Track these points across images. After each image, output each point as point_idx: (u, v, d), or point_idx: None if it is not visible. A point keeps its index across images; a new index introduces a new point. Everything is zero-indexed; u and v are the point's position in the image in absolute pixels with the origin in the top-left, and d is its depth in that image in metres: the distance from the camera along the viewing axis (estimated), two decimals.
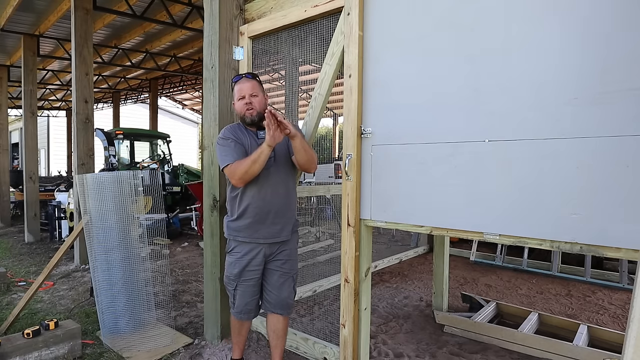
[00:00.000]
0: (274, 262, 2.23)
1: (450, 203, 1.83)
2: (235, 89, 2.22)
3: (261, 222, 2.16)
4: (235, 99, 2.22)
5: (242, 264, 2.19)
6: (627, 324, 1.16)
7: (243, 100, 2.17)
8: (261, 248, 2.19)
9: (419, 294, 3.82)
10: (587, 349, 2.51)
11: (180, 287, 4.19)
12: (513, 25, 1.64)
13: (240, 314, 2.27)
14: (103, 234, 2.89)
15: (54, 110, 18.12)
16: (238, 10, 2.81)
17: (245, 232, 2.18)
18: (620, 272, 4.00)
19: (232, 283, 2.24)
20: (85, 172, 4.85)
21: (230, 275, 2.23)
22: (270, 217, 2.16)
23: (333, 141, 16.01)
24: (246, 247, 2.19)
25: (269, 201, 2.15)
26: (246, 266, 2.19)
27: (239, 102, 2.19)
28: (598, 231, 1.46)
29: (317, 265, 4.57)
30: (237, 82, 2.22)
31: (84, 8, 5.01)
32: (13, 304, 3.65)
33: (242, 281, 2.21)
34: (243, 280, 2.21)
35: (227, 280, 2.28)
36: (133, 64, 9.35)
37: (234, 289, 2.25)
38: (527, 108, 1.61)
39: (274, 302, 2.26)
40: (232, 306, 2.31)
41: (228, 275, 2.25)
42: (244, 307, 2.26)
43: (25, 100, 7.14)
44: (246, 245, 2.19)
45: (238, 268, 2.19)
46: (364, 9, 2.13)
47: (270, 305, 2.27)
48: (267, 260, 2.22)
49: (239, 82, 2.21)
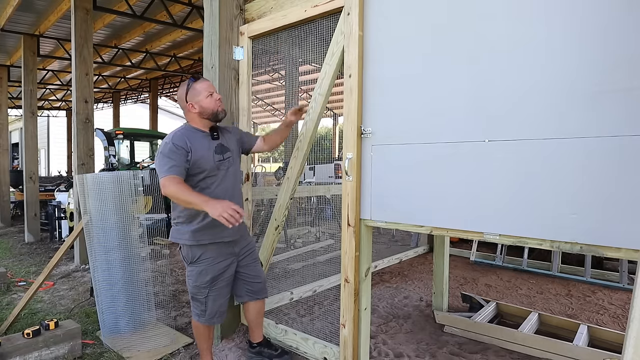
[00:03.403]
0: (246, 255, 2.33)
1: (450, 203, 1.83)
2: (198, 87, 2.14)
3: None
4: (202, 96, 2.12)
5: (215, 270, 2.16)
6: (627, 324, 1.17)
7: (213, 95, 2.16)
8: (227, 247, 2.21)
9: (419, 294, 3.82)
10: (587, 349, 2.51)
11: (180, 287, 4.19)
12: (513, 25, 1.64)
13: (212, 318, 2.25)
14: (103, 234, 2.89)
15: (54, 110, 18.12)
16: (238, 10, 2.81)
17: (210, 233, 2.13)
18: (620, 272, 3.99)
19: (204, 291, 2.19)
20: (85, 172, 4.85)
21: (201, 284, 2.17)
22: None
23: (333, 141, 16.02)
24: (214, 250, 2.16)
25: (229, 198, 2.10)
26: (221, 270, 2.19)
27: (208, 98, 2.13)
28: (598, 231, 1.46)
29: (317, 265, 4.57)
30: (198, 81, 2.17)
31: (84, 8, 5.01)
32: (13, 304, 3.65)
33: (214, 286, 2.19)
34: (216, 285, 2.20)
35: (195, 290, 2.20)
36: (133, 64, 9.35)
37: (205, 297, 2.20)
38: (527, 108, 1.61)
39: (258, 290, 2.39)
40: (200, 314, 2.23)
41: (197, 285, 2.18)
42: (217, 310, 2.24)
43: (25, 100, 7.15)
44: (213, 247, 2.15)
45: (211, 274, 2.16)
46: (364, 9, 2.13)
47: (255, 294, 2.38)
48: (239, 256, 2.30)
49: (199, 80, 2.17)
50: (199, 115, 2.16)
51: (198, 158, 2.08)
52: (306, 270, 4.36)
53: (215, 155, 2.15)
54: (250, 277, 2.35)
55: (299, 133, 2.62)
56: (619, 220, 1.41)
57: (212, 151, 2.14)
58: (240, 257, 2.30)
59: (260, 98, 15.31)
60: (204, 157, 2.11)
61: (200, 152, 2.10)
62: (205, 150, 2.12)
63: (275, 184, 6.36)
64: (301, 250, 5.33)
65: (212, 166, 2.13)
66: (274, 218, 2.80)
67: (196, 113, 2.15)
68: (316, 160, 6.90)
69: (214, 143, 2.18)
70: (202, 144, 2.13)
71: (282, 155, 6.11)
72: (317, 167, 8.42)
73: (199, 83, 2.16)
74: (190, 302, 2.29)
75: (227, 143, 2.25)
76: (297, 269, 4.44)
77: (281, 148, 7.22)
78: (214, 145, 2.17)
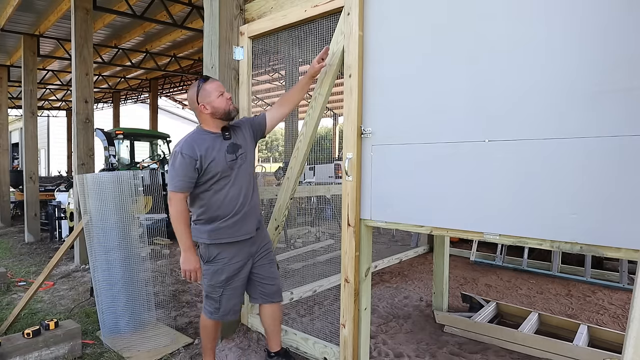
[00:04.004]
0: (262, 256, 2.30)
1: (450, 203, 1.83)
2: (209, 87, 2.13)
3: (242, 218, 2.17)
4: (213, 96, 2.12)
5: (230, 270, 2.17)
6: (627, 324, 1.17)
7: (224, 95, 2.15)
8: (244, 246, 2.20)
9: (419, 294, 3.82)
10: (587, 349, 2.51)
11: (180, 287, 4.19)
12: (513, 25, 1.64)
13: (226, 316, 2.26)
14: (103, 234, 2.89)
15: (54, 110, 18.13)
16: (238, 10, 2.81)
17: (227, 233, 2.15)
18: (620, 272, 3.99)
19: (218, 290, 2.20)
20: (85, 172, 4.85)
21: (216, 283, 2.18)
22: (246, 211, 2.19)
23: (333, 141, 16.03)
24: (231, 250, 2.17)
25: (243, 197, 2.17)
26: (236, 271, 2.19)
27: (219, 98, 2.12)
28: (598, 231, 1.46)
29: (317, 265, 4.57)
30: (207, 82, 2.16)
31: (84, 8, 5.01)
32: (13, 304, 3.65)
33: (229, 286, 2.20)
34: (230, 285, 2.20)
35: (210, 289, 2.21)
36: (133, 64, 9.35)
37: (219, 296, 2.20)
38: (527, 108, 1.61)
39: (271, 292, 2.32)
40: (213, 312, 2.24)
41: (212, 285, 2.19)
42: (231, 308, 2.25)
43: (25, 100, 7.15)
44: (230, 247, 2.16)
45: (226, 274, 2.17)
46: (364, 9, 2.13)
47: (268, 297, 2.32)
48: (254, 256, 2.27)
49: (208, 81, 2.17)
50: (211, 115, 2.15)
51: (209, 162, 2.08)
52: (306, 270, 4.36)
53: (227, 156, 2.14)
54: (264, 278, 2.31)
55: (299, 133, 2.62)
56: (619, 220, 1.41)
57: (223, 152, 2.13)
58: (256, 258, 2.28)
59: (260, 98, 15.29)
60: (215, 160, 2.10)
61: (211, 156, 2.09)
62: (216, 152, 2.11)
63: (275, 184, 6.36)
64: (301, 250, 5.33)
65: (225, 167, 2.12)
66: (274, 218, 2.80)
67: (208, 114, 2.14)
68: (316, 160, 6.91)
69: (226, 143, 2.16)
70: (213, 147, 2.12)
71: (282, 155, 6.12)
72: (317, 167, 8.43)
73: (209, 83, 2.15)
74: (204, 299, 2.29)
75: (238, 140, 2.22)
76: (297, 269, 4.44)
77: (281, 148, 7.22)
78: (226, 146, 2.15)
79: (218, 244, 2.15)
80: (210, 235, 2.14)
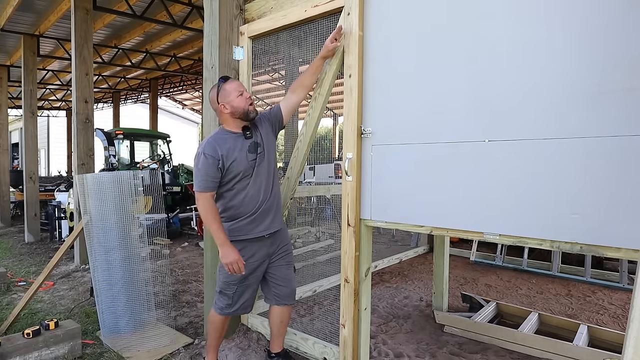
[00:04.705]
0: (279, 257, 2.30)
1: (450, 203, 1.83)
2: (228, 87, 2.14)
3: (260, 215, 2.18)
4: (233, 96, 2.13)
5: (247, 268, 2.16)
6: (627, 324, 1.17)
7: (243, 95, 2.15)
8: (263, 246, 2.21)
9: (419, 294, 3.82)
10: (587, 349, 2.51)
11: (180, 287, 4.19)
12: (513, 25, 1.64)
13: (238, 310, 2.29)
14: (103, 234, 2.89)
15: (54, 110, 18.12)
16: (238, 10, 2.81)
17: (245, 229, 2.17)
18: (620, 272, 3.99)
19: (233, 287, 2.22)
20: (85, 172, 4.85)
21: (231, 281, 2.20)
22: (265, 208, 2.20)
23: (333, 141, 16.04)
24: (250, 248, 2.18)
25: (263, 194, 2.19)
26: (252, 270, 2.20)
27: (239, 98, 2.13)
28: (598, 231, 1.46)
29: (317, 265, 4.57)
30: (227, 82, 2.18)
31: (84, 8, 5.01)
32: (13, 304, 3.65)
33: (243, 283, 2.22)
34: (245, 282, 2.22)
35: (225, 285, 2.23)
36: (133, 64, 9.35)
37: (233, 293, 2.23)
38: (527, 108, 1.61)
39: (284, 295, 2.33)
40: (225, 307, 2.26)
41: (227, 282, 2.21)
42: (243, 304, 2.28)
43: (25, 100, 7.15)
44: (250, 245, 2.18)
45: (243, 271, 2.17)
46: (364, 9, 2.13)
47: (281, 299, 2.32)
48: (271, 257, 2.28)
49: (228, 81, 2.18)
50: (231, 115, 2.16)
51: (231, 162, 2.10)
52: (306, 270, 4.36)
53: (249, 155, 2.15)
54: (278, 279, 2.31)
55: (299, 133, 2.62)
56: (619, 220, 1.41)
57: (245, 152, 2.14)
58: (272, 258, 2.29)
59: (260, 98, 15.30)
60: (237, 159, 2.11)
61: (232, 156, 2.11)
62: (237, 152, 2.12)
63: None
64: (301, 250, 5.33)
65: (247, 166, 2.14)
66: None
67: (228, 113, 2.16)
68: (316, 160, 6.91)
69: (247, 143, 2.17)
70: (235, 147, 2.13)
71: (282, 155, 6.13)
72: (317, 167, 8.43)
73: (229, 83, 2.17)
74: (216, 295, 2.31)
75: (258, 138, 2.23)
76: (297, 269, 4.44)
77: (281, 148, 7.22)
78: (247, 145, 2.16)
79: (237, 241, 2.17)
80: (229, 233, 2.16)
